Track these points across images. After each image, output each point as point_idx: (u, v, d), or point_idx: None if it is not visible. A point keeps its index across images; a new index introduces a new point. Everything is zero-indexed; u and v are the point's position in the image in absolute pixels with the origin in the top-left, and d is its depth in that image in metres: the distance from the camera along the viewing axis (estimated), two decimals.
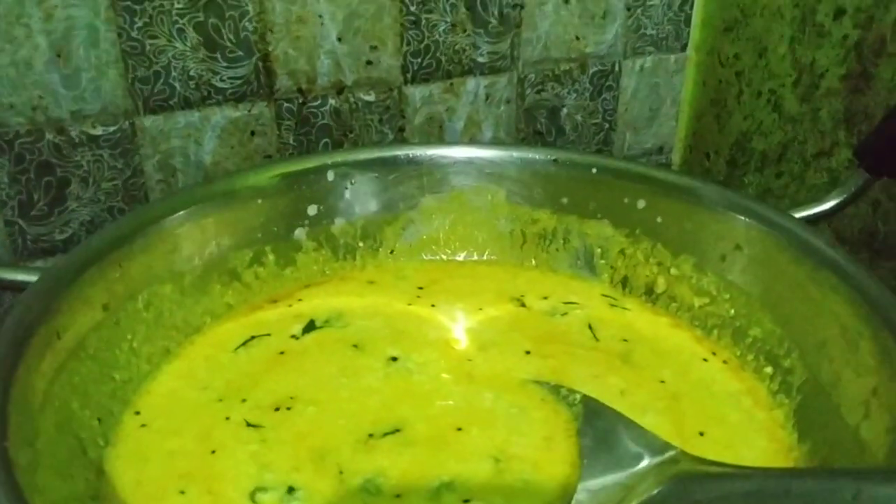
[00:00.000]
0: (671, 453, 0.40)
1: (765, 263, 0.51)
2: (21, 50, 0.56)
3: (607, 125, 0.76)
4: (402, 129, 0.69)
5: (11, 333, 0.39)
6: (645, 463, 0.40)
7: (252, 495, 0.41)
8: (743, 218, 0.52)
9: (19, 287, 0.47)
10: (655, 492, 0.39)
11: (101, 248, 0.47)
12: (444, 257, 0.60)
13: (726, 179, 0.75)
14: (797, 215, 0.52)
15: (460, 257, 0.61)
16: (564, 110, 0.74)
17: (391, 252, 0.60)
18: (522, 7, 0.68)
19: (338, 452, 0.43)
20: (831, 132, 0.65)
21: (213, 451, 0.43)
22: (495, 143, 0.70)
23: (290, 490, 0.41)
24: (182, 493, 0.41)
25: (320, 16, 0.63)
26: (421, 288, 0.57)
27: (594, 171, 0.57)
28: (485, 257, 0.61)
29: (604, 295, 0.57)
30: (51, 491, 0.36)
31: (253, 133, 0.64)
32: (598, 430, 0.44)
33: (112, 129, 0.60)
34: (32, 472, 0.35)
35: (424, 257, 0.60)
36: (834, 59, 0.63)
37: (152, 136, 0.62)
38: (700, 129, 0.78)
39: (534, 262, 0.60)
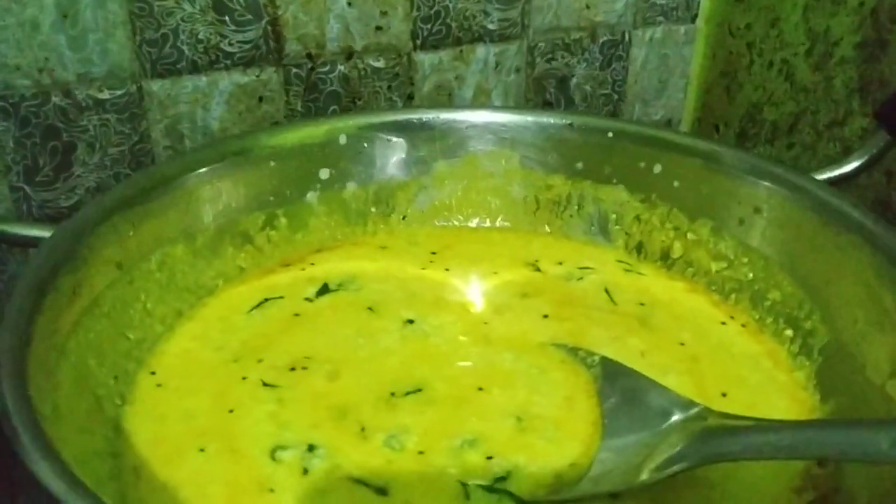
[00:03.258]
0: (696, 409, 0.40)
1: (784, 226, 0.50)
2: (27, 10, 0.55)
3: (616, 96, 0.76)
4: (410, 97, 0.68)
5: (29, 286, 0.38)
6: (670, 420, 0.40)
7: (272, 453, 0.40)
8: (762, 181, 0.51)
9: (30, 243, 0.46)
10: (680, 447, 0.38)
11: (115, 204, 0.46)
12: (456, 223, 0.60)
13: None
14: (818, 178, 0.51)
15: (473, 223, 0.60)
16: (574, 80, 0.73)
17: (403, 218, 0.59)
18: None
19: (358, 410, 0.43)
20: (845, 101, 0.64)
21: (231, 411, 0.43)
22: (509, 107, 0.70)
23: (311, 448, 0.41)
24: (201, 450, 0.40)
25: None
26: (434, 253, 0.57)
27: (610, 135, 0.57)
28: (498, 223, 0.60)
29: (619, 261, 0.57)
30: (73, 444, 0.35)
31: (261, 99, 0.64)
32: (620, 389, 0.43)
33: (119, 92, 0.59)
34: (55, 425, 0.34)
35: (437, 223, 0.59)
36: (849, 27, 0.63)
37: (160, 100, 0.61)
38: (710, 100, 0.77)
39: (547, 228, 0.59)
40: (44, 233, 0.43)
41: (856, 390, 0.43)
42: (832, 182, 0.51)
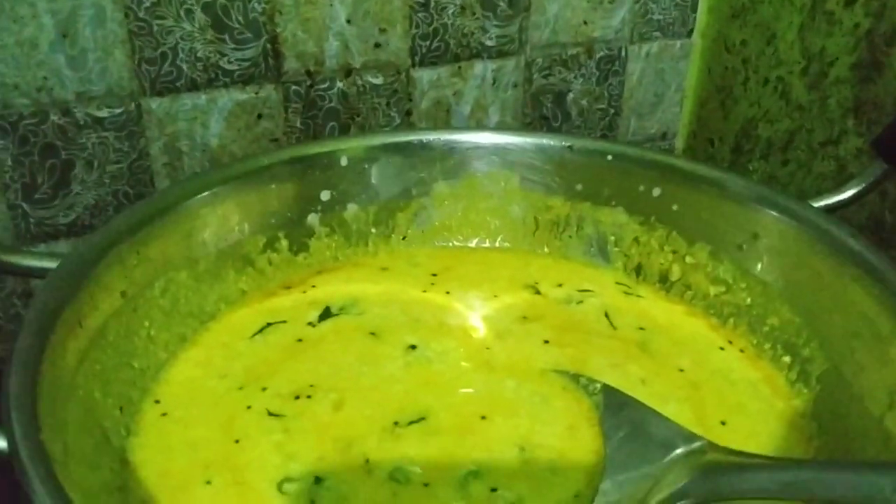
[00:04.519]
0: (698, 444, 0.40)
1: (783, 253, 0.51)
2: (26, 29, 0.55)
3: (612, 110, 0.76)
4: (409, 113, 0.68)
5: (36, 323, 0.38)
6: (671, 454, 0.40)
7: (279, 486, 0.41)
8: (761, 208, 0.52)
9: (32, 273, 0.46)
10: (683, 483, 0.39)
11: (120, 233, 0.46)
12: (456, 244, 0.60)
13: (731, 166, 0.75)
14: (814, 205, 0.52)
15: (472, 244, 0.60)
16: (571, 95, 0.74)
17: (403, 238, 0.59)
18: None
19: (363, 441, 0.43)
20: (839, 120, 0.65)
21: (237, 441, 0.43)
22: (508, 128, 0.70)
23: (318, 480, 0.41)
24: (208, 483, 0.41)
25: None
26: (434, 275, 0.57)
27: (609, 158, 0.57)
28: (497, 244, 0.60)
29: (618, 283, 0.57)
30: (82, 482, 0.35)
31: (260, 116, 0.64)
32: (622, 420, 0.44)
33: (118, 111, 0.59)
34: (65, 464, 0.34)
35: (437, 244, 0.60)
36: (844, 48, 0.64)
37: (158, 118, 0.61)
38: (704, 115, 0.78)
39: (546, 249, 0.60)
40: (45, 263, 0.43)
41: (854, 421, 0.44)
42: (828, 209, 0.51)
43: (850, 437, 0.44)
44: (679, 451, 0.40)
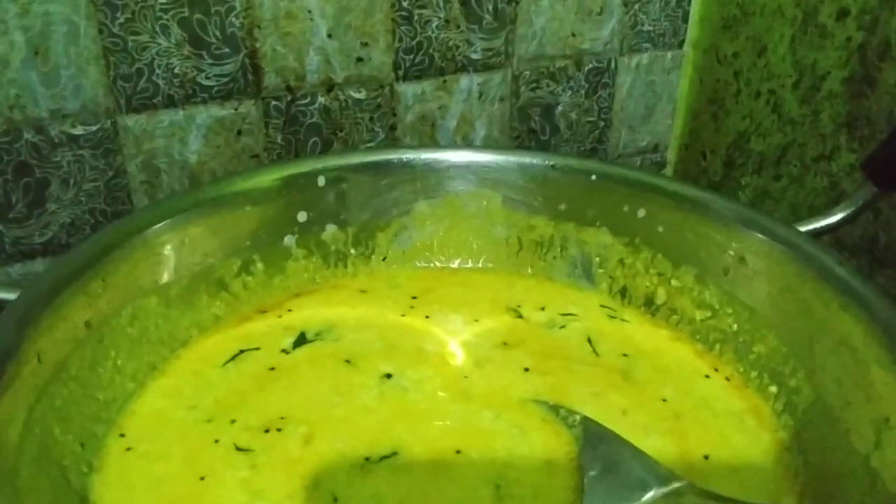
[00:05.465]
0: (675, 485, 0.39)
1: (770, 278, 0.49)
2: None
3: (602, 123, 0.74)
4: (393, 128, 0.67)
5: None
6: (649, 494, 0.39)
7: None
8: (748, 231, 0.50)
9: None
10: None
11: (83, 261, 0.45)
12: (437, 264, 0.59)
13: (723, 180, 0.74)
14: (802, 229, 0.50)
15: (454, 264, 0.59)
16: (559, 108, 0.72)
17: (383, 259, 0.58)
18: (517, 2, 0.66)
19: (332, 479, 0.42)
20: (832, 136, 0.64)
21: (203, 478, 0.42)
22: (490, 145, 0.68)
23: None
24: None
25: (310, 11, 0.61)
26: (414, 297, 0.55)
27: (593, 177, 0.56)
28: (480, 265, 0.59)
29: (602, 305, 0.56)
30: None
31: (240, 132, 0.62)
32: (601, 456, 0.42)
33: (93, 128, 0.58)
34: None
35: (418, 264, 0.58)
36: (836, 62, 0.62)
37: (135, 135, 0.59)
38: (696, 127, 0.76)
39: (530, 270, 0.58)
40: (8, 295, 0.42)
41: (840, 457, 0.42)
42: (817, 233, 0.50)
43: (837, 474, 0.42)
44: (657, 491, 0.39)
